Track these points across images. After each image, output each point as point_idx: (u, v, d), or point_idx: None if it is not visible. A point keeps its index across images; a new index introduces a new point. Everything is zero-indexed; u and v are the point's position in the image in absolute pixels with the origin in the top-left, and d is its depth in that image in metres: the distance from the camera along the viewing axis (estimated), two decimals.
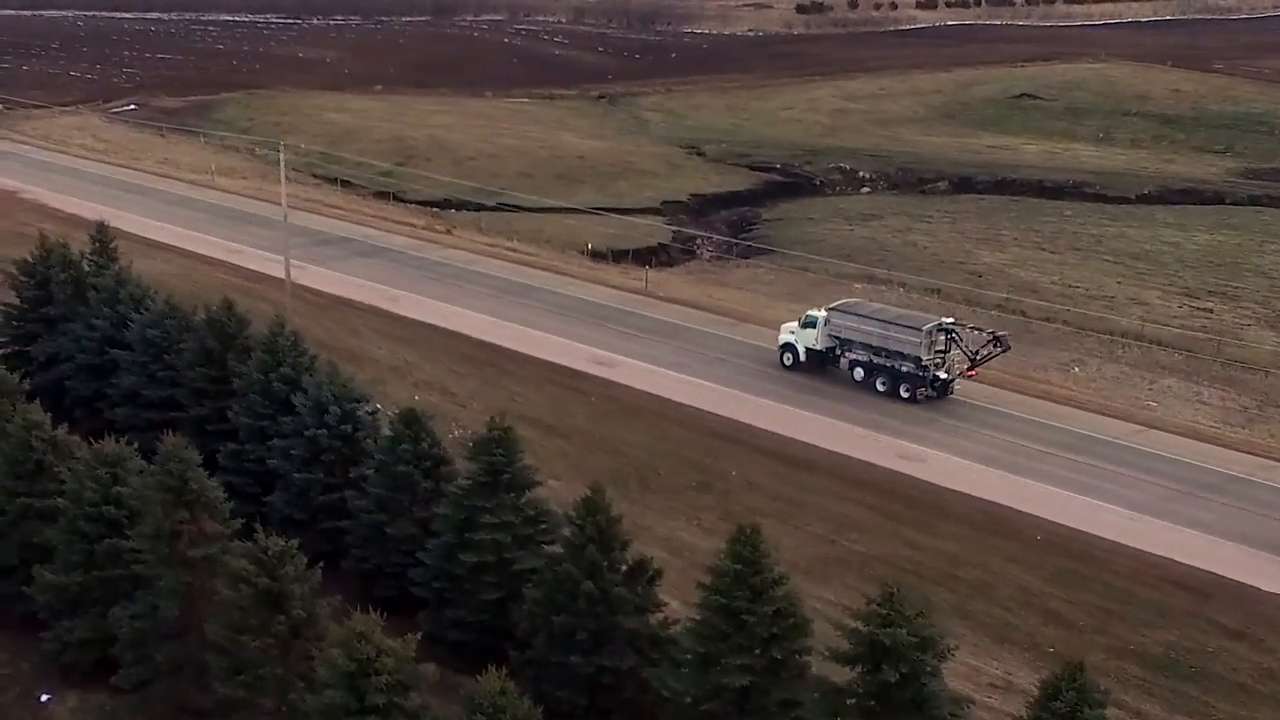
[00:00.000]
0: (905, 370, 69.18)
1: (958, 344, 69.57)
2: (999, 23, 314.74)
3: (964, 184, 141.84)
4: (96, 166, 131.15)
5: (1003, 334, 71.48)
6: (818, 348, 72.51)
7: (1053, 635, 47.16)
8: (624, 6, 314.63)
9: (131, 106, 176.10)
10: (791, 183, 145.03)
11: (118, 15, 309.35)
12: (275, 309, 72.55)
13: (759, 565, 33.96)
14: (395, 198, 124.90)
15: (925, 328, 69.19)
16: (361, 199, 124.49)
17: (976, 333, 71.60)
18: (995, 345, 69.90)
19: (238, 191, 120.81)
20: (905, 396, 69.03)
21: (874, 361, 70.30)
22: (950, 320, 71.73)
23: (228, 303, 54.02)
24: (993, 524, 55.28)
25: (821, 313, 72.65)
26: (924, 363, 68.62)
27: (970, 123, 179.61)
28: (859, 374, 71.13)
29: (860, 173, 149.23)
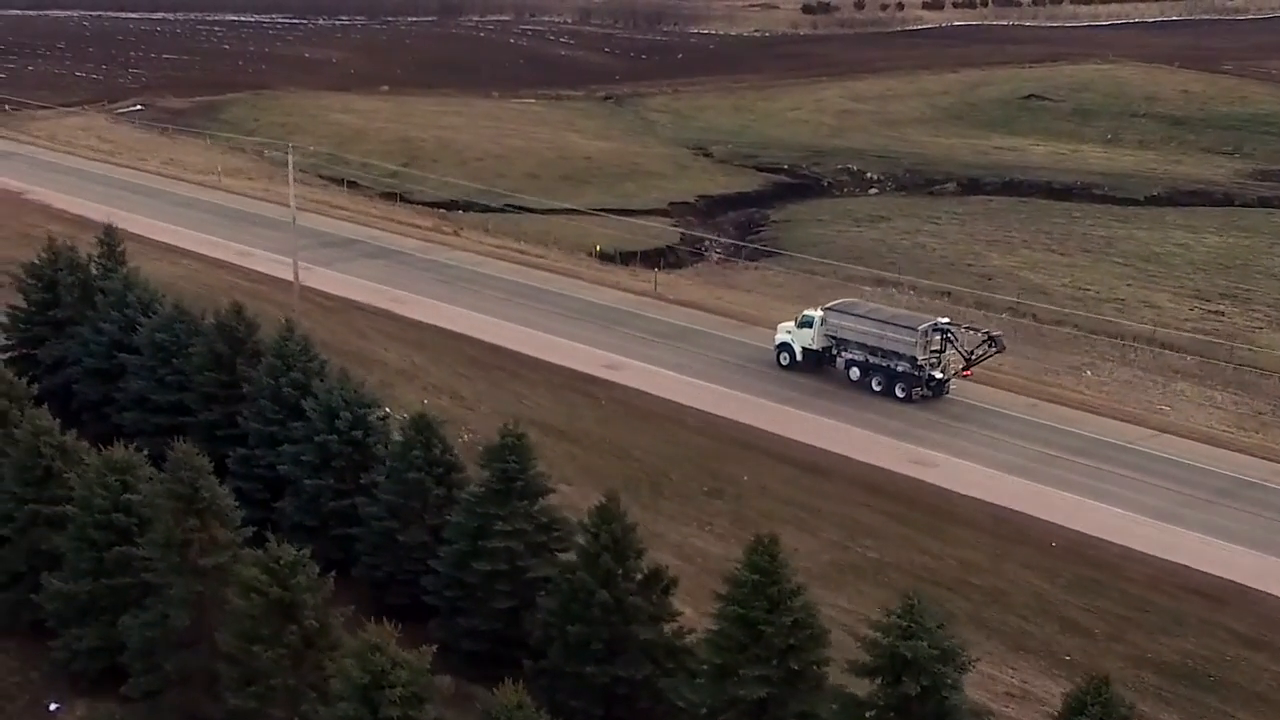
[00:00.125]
0: (901, 370, 69.29)
1: (953, 344, 69.67)
2: (1005, 23, 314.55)
3: (972, 185, 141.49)
4: (102, 167, 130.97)
5: (997, 334, 71.49)
6: (814, 347, 72.74)
7: (1069, 644, 46.74)
8: (630, 7, 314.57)
9: (137, 107, 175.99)
10: (799, 184, 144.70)
11: (123, 15, 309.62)
12: (283, 311, 72.15)
13: (777, 576, 33.52)
14: (402, 199, 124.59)
15: (920, 328, 69.26)
16: (368, 200, 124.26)
17: (972, 333, 71.65)
18: (990, 345, 69.90)
19: (244, 192, 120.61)
20: (901, 396, 69.12)
21: (870, 361, 70.44)
22: (945, 320, 71.80)
23: (237, 306, 53.55)
24: (1007, 530, 54.86)
25: (818, 312, 72.90)
26: (919, 362, 68.73)
27: (978, 124, 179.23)
28: (855, 374, 71.24)
29: (868, 174, 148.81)
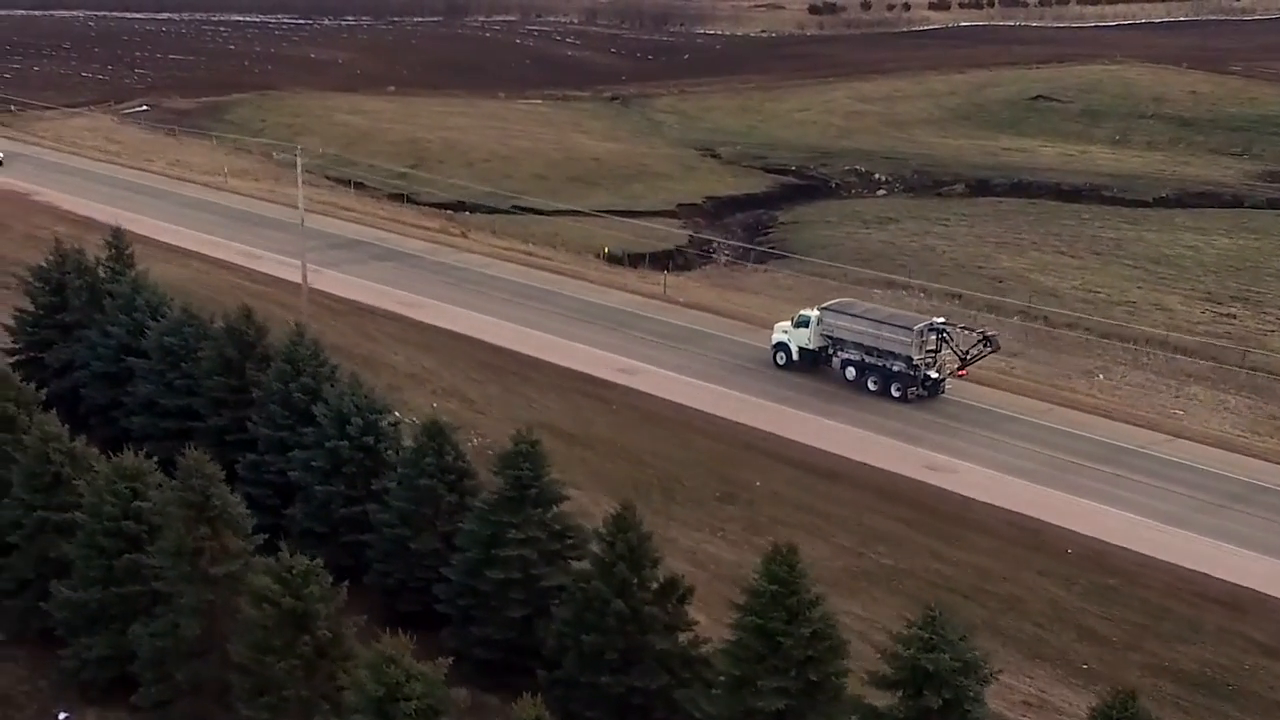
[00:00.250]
0: (897, 370, 69.46)
1: (949, 344, 69.88)
2: (1012, 24, 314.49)
3: (981, 187, 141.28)
4: (108, 168, 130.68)
5: (992, 334, 71.79)
6: (811, 347, 73.00)
7: (1086, 652, 46.30)
8: (637, 7, 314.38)
9: (143, 108, 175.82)
10: (807, 185, 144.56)
11: (128, 15, 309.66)
12: (291, 314, 71.85)
13: (796, 586, 33.07)
14: (409, 200, 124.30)
15: (916, 327, 69.47)
16: (375, 201, 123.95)
17: (967, 332, 71.68)
18: (985, 345, 70.14)
19: (250, 194, 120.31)
20: (896, 396, 69.31)
21: (866, 361, 70.67)
22: (941, 320, 72.12)
23: (246, 310, 53.05)
24: (1022, 537, 54.37)
25: (814, 312, 73.21)
26: (915, 362, 68.94)
27: (986, 124, 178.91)
28: (851, 373, 71.46)
29: (876, 175, 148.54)
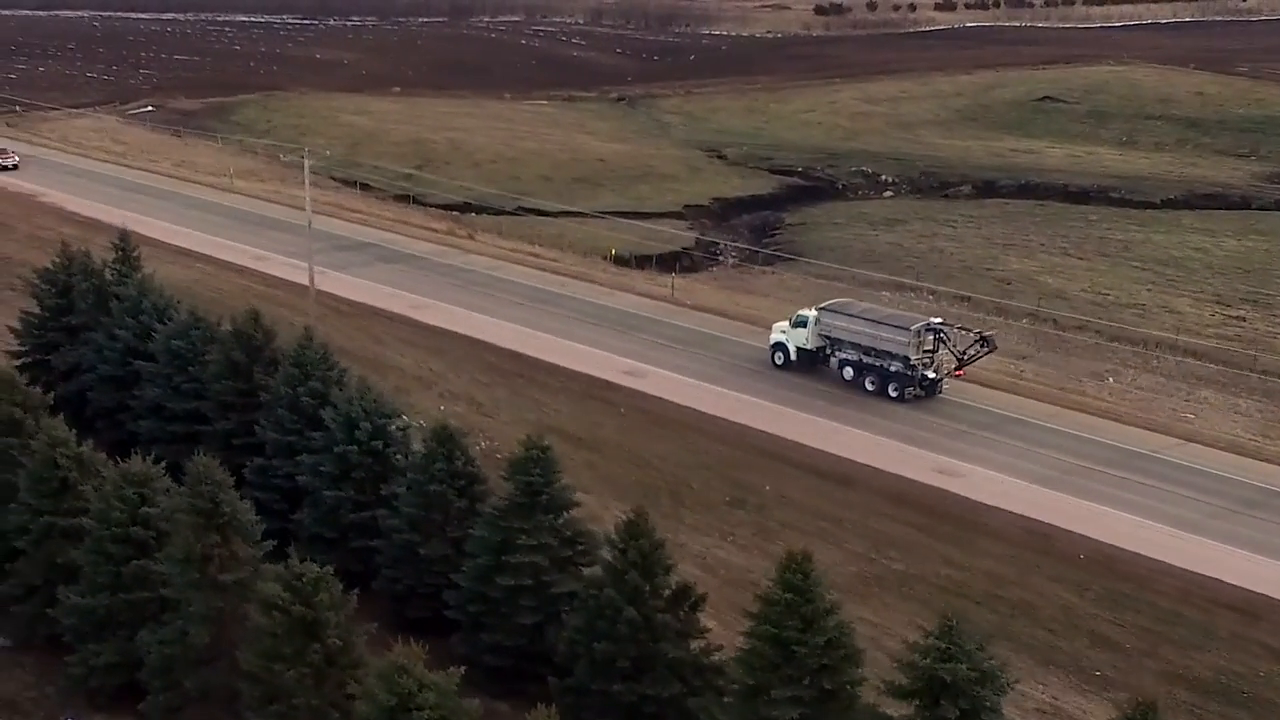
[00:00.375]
0: (894, 370, 69.57)
1: (945, 344, 69.94)
2: (1018, 24, 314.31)
3: (988, 188, 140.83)
4: (114, 169, 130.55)
5: (989, 334, 71.88)
6: (808, 347, 73.12)
7: (1099, 658, 45.96)
8: (642, 8, 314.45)
9: (148, 108, 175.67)
10: (813, 186, 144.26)
11: (134, 15, 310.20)
12: (298, 316, 71.72)
13: (811, 594, 32.75)
14: (415, 201, 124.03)
15: (913, 328, 69.62)
16: (381, 202, 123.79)
17: (964, 333, 71.73)
18: (982, 345, 70.23)
19: (256, 195, 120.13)
20: (894, 396, 69.40)
21: (863, 361, 70.82)
22: (938, 320, 72.24)
23: (254, 314, 52.70)
24: (1034, 542, 54.00)
25: (812, 312, 73.37)
26: (912, 362, 69.04)
27: (992, 125, 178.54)
28: (848, 373, 71.61)
29: (883, 176, 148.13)
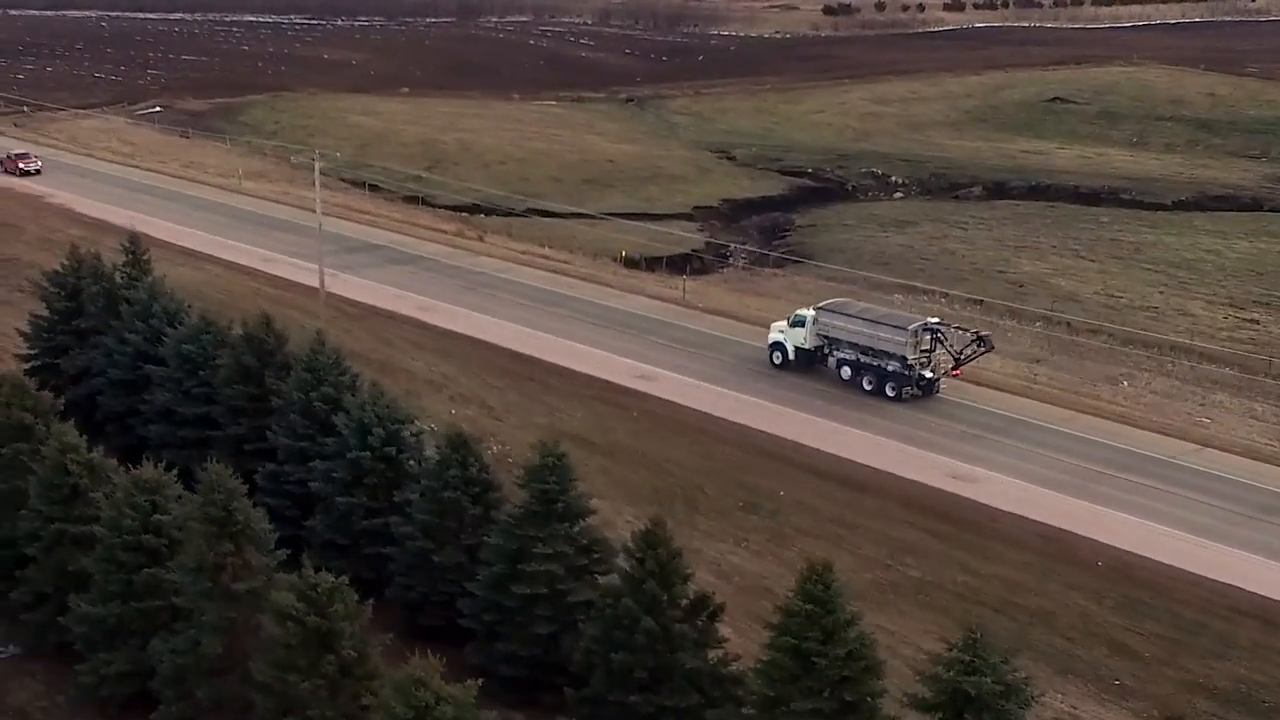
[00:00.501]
0: (891, 369, 69.62)
1: (943, 344, 69.88)
2: (1026, 25, 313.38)
3: (998, 189, 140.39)
4: (122, 170, 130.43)
5: (986, 334, 71.96)
6: (806, 346, 73.25)
7: (1118, 667, 45.48)
8: (650, 8, 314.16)
9: (156, 109, 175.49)
10: (823, 188, 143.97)
11: (141, 15, 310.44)
12: (308, 318, 71.33)
13: (832, 605, 32.34)
14: (424, 202, 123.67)
15: (911, 327, 69.69)
16: (390, 204, 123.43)
17: (961, 332, 71.73)
18: (979, 345, 70.30)
19: (265, 196, 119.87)
20: (891, 395, 69.39)
21: (861, 360, 70.89)
22: (935, 320, 72.33)
23: (265, 318, 52.30)
24: (1051, 548, 53.50)
25: (810, 312, 73.45)
26: (909, 362, 69.05)
27: (1002, 126, 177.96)
28: (846, 373, 71.65)
29: (893, 177, 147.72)
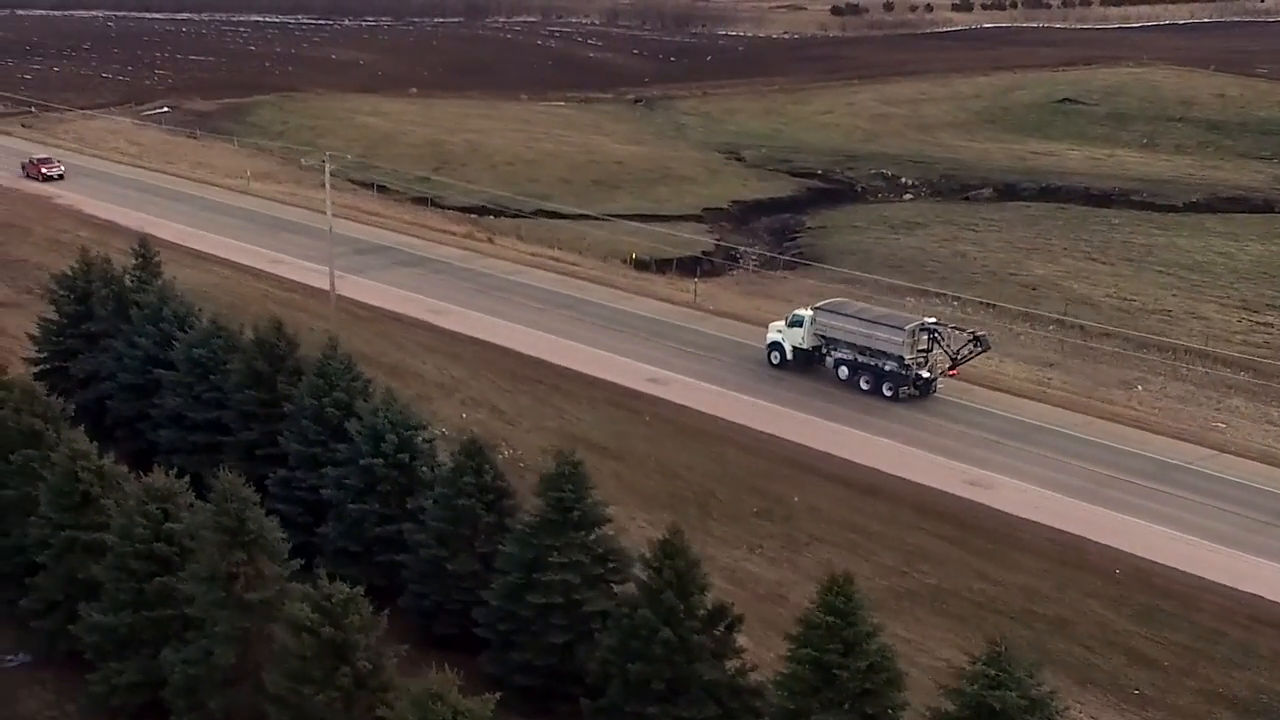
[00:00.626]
0: (889, 369, 69.74)
1: (940, 344, 69.87)
2: (1035, 25, 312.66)
3: (1009, 191, 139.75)
4: (130, 171, 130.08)
5: (983, 334, 71.95)
6: (804, 346, 73.40)
7: (1138, 676, 45.02)
8: (658, 8, 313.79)
9: (164, 109, 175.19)
10: (833, 189, 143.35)
11: (148, 15, 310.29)
12: (317, 321, 71.07)
13: (853, 617, 32.00)
14: (433, 204, 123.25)
15: (908, 327, 69.74)
16: (399, 205, 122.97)
17: (958, 332, 71.74)
18: (976, 345, 70.35)
19: (273, 197, 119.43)
20: (888, 395, 69.46)
21: (858, 360, 71.03)
22: (933, 320, 72.35)
23: (277, 322, 51.96)
24: (1068, 556, 52.98)
25: (808, 312, 73.53)
26: (907, 362, 69.11)
27: (1012, 128, 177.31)
28: (843, 372, 71.82)
29: (902, 179, 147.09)
